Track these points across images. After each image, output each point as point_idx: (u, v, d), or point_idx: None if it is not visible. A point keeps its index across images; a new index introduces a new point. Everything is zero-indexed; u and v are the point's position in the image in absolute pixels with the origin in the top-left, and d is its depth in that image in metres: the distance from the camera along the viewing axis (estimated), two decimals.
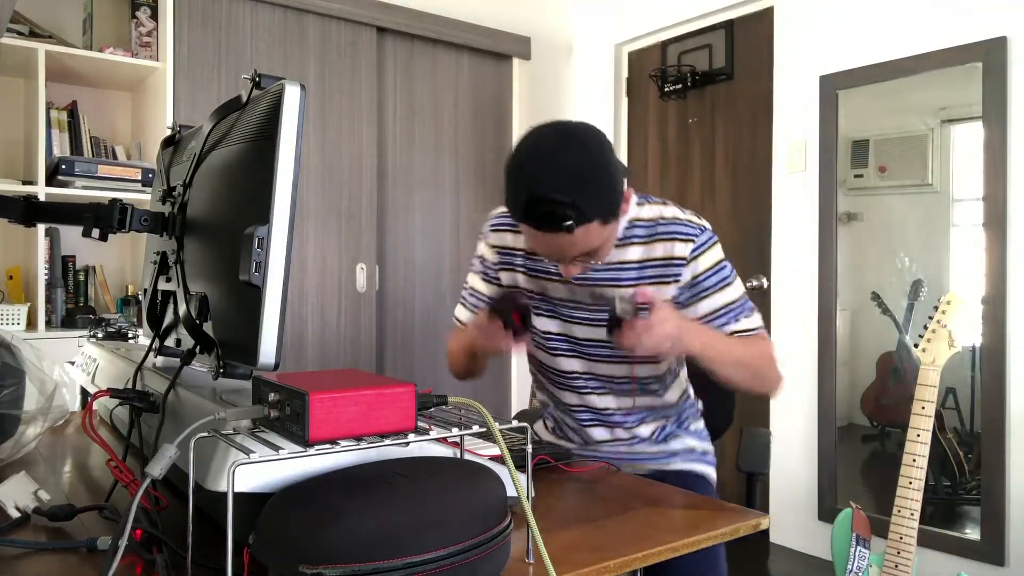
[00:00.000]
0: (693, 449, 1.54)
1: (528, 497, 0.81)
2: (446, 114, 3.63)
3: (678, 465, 1.51)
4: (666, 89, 3.61)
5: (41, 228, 2.67)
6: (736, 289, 1.36)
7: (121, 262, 3.12)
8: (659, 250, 1.35)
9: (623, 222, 1.36)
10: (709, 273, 1.34)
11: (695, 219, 1.36)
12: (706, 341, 1.27)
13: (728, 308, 1.34)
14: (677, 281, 1.34)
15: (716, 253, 1.35)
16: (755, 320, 1.36)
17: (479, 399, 1.75)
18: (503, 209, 1.49)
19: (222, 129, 0.98)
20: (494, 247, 1.50)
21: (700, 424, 1.59)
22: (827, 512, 2.89)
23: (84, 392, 1.60)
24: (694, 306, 1.35)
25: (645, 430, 1.49)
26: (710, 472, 1.54)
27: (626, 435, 1.48)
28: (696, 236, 1.34)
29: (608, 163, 1.20)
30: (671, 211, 1.37)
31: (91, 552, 0.82)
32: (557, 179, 1.16)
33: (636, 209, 1.38)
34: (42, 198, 2.62)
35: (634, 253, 1.36)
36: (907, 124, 2.77)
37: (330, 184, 3.24)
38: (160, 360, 1.16)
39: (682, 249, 1.33)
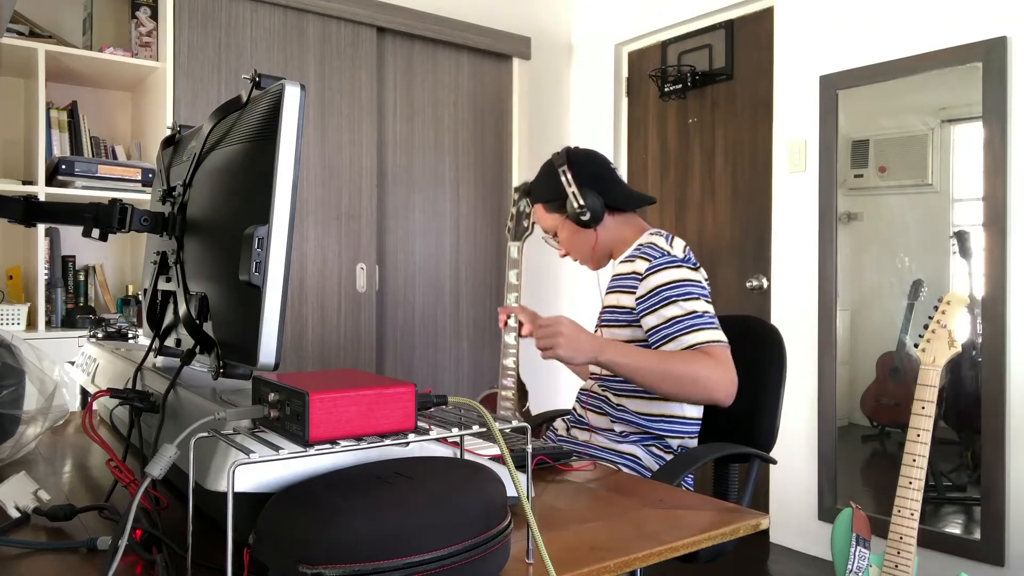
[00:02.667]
0: (636, 457, 1.60)
1: (528, 497, 0.81)
2: (446, 114, 3.63)
3: (618, 460, 1.60)
4: (666, 89, 3.61)
5: (41, 228, 2.67)
6: (686, 307, 1.51)
7: (121, 262, 3.12)
8: (634, 266, 1.62)
9: (633, 247, 1.68)
10: (661, 289, 1.53)
11: (670, 248, 1.59)
12: (618, 356, 1.45)
13: (675, 320, 1.50)
14: (633, 292, 1.59)
15: (671, 274, 1.54)
16: (706, 336, 1.48)
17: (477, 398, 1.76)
18: None
19: (222, 129, 0.98)
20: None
21: (666, 453, 1.62)
22: (827, 512, 2.89)
23: (84, 392, 1.60)
24: (645, 318, 1.55)
25: (606, 423, 1.65)
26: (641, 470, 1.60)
27: (595, 422, 1.68)
28: (656, 258, 1.57)
29: (551, 170, 1.71)
30: (659, 240, 1.62)
31: (91, 552, 0.82)
32: (535, 175, 1.78)
33: (645, 237, 1.67)
34: (42, 198, 2.62)
35: (625, 267, 1.66)
36: (907, 124, 2.77)
37: (330, 184, 3.24)
38: (160, 360, 1.16)
39: (641, 266, 1.59)
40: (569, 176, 1.68)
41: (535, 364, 3.80)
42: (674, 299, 1.51)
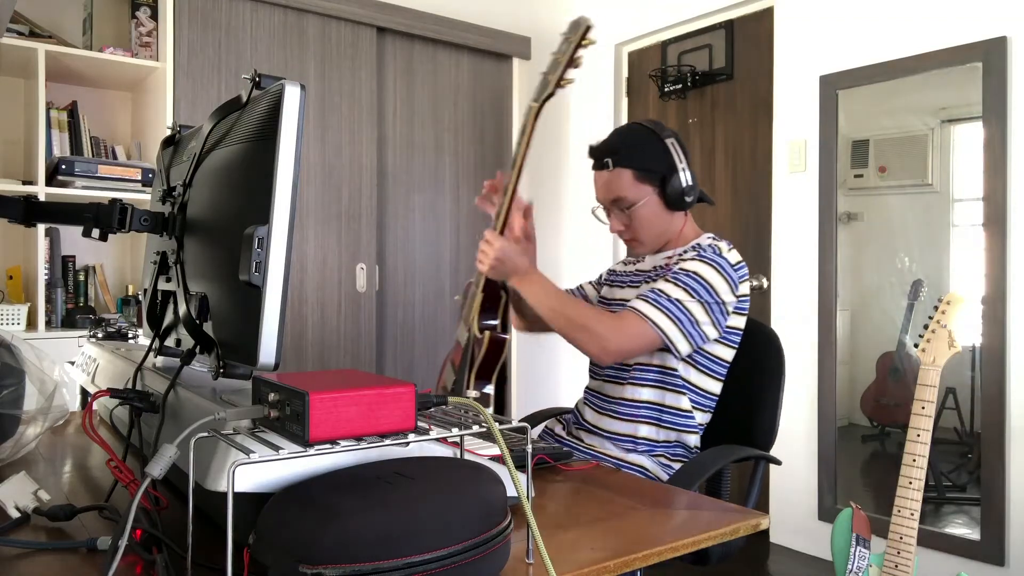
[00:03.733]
0: (645, 469, 1.58)
1: (528, 497, 0.81)
2: (446, 114, 3.63)
3: (623, 468, 1.57)
4: (666, 89, 3.61)
5: (41, 228, 2.67)
6: (672, 291, 1.49)
7: (121, 262, 3.12)
8: (682, 264, 1.57)
9: (688, 246, 1.62)
10: (680, 272, 1.51)
11: (726, 254, 1.55)
12: (527, 285, 1.54)
13: (654, 291, 1.50)
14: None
15: (698, 267, 1.51)
16: (643, 306, 1.49)
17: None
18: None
19: (222, 129, 0.98)
20: (611, 270, 1.85)
21: (673, 462, 1.60)
22: (827, 512, 2.89)
23: (84, 392, 1.60)
24: (648, 284, 1.62)
25: (617, 426, 1.61)
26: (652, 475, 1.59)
27: (604, 427, 1.63)
28: (701, 251, 1.55)
29: (654, 138, 1.58)
30: (718, 247, 1.57)
31: (91, 552, 0.82)
32: (615, 136, 1.63)
33: (704, 239, 1.62)
34: (42, 198, 2.62)
35: (684, 265, 1.58)
36: (907, 124, 2.77)
37: (330, 184, 3.24)
38: (160, 360, 1.16)
39: (688, 255, 1.57)
40: (680, 150, 1.58)
41: (533, 362, 3.80)
42: (675, 281, 1.50)
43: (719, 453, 1.48)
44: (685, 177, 1.57)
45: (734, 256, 1.55)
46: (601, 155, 1.60)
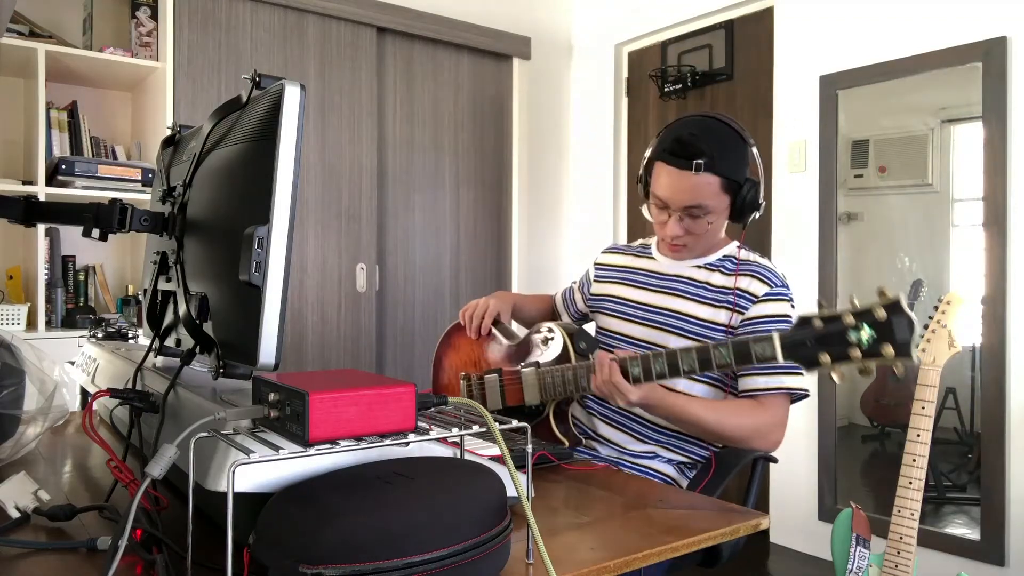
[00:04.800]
0: (670, 478, 1.55)
1: (528, 497, 0.81)
2: (446, 114, 3.63)
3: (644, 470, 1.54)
4: (666, 89, 3.61)
5: (41, 228, 2.67)
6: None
7: (121, 262, 3.12)
8: (740, 283, 1.49)
9: (720, 253, 1.54)
10: (773, 319, 1.44)
11: (785, 279, 1.50)
12: (659, 405, 1.37)
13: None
14: (741, 312, 1.47)
15: (785, 308, 1.46)
16: (789, 381, 1.42)
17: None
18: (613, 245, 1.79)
19: (222, 129, 0.98)
20: (598, 263, 1.74)
21: (691, 470, 1.58)
22: (827, 512, 2.89)
23: (84, 392, 1.60)
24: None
25: (636, 445, 1.54)
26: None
27: (621, 439, 1.55)
28: (776, 285, 1.47)
29: (744, 146, 1.46)
30: (768, 263, 1.52)
31: (91, 552, 0.82)
32: (705, 133, 1.43)
33: (735, 250, 1.54)
34: (42, 198, 2.62)
35: (718, 279, 1.51)
36: (907, 124, 2.77)
37: (330, 184, 3.24)
38: (160, 360, 1.16)
39: (758, 288, 1.47)
40: (759, 161, 1.48)
41: None
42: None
43: (731, 453, 1.48)
44: (761, 193, 1.48)
45: (783, 277, 1.51)
46: (691, 153, 1.41)
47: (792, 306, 1.48)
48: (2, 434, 1.13)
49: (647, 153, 1.52)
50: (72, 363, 1.59)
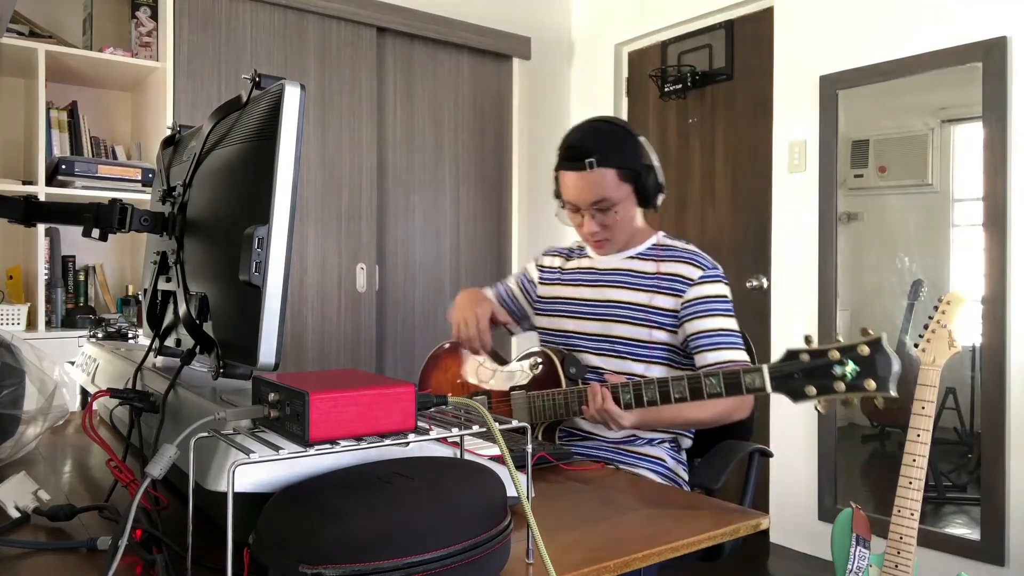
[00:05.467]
0: (663, 462, 1.59)
1: (528, 497, 0.81)
2: (446, 114, 3.63)
3: (643, 469, 1.57)
4: (666, 89, 3.61)
5: (41, 228, 2.67)
6: (730, 323, 1.56)
7: (121, 262, 3.12)
8: (669, 267, 1.59)
9: (648, 243, 1.64)
10: (710, 300, 1.55)
11: (714, 262, 1.60)
12: (653, 422, 1.50)
13: (719, 332, 1.54)
14: (678, 296, 1.57)
15: (721, 288, 1.57)
16: (742, 355, 1.54)
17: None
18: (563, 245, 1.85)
19: (222, 129, 0.98)
20: (541, 266, 1.81)
21: (681, 453, 1.65)
22: (827, 512, 2.89)
23: (84, 392, 1.60)
24: (691, 322, 1.55)
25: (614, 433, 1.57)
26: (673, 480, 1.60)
27: (600, 429, 1.59)
28: (707, 267, 1.58)
29: (631, 137, 1.58)
30: (693, 248, 1.63)
31: (91, 552, 0.82)
32: (591, 133, 1.58)
33: (662, 239, 1.66)
34: (42, 198, 2.62)
35: (648, 267, 1.61)
36: (907, 124, 2.77)
37: (330, 184, 3.24)
38: (160, 360, 1.16)
39: (690, 271, 1.57)
40: (650, 148, 1.60)
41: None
42: (721, 312, 1.55)
43: (729, 447, 1.49)
44: (660, 175, 1.60)
45: (710, 258, 1.63)
46: (582, 155, 1.54)
47: (726, 285, 1.59)
48: (2, 434, 1.13)
49: (554, 167, 1.64)
50: (72, 363, 1.59)
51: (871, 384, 1.11)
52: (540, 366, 1.57)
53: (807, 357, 1.16)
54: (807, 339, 1.17)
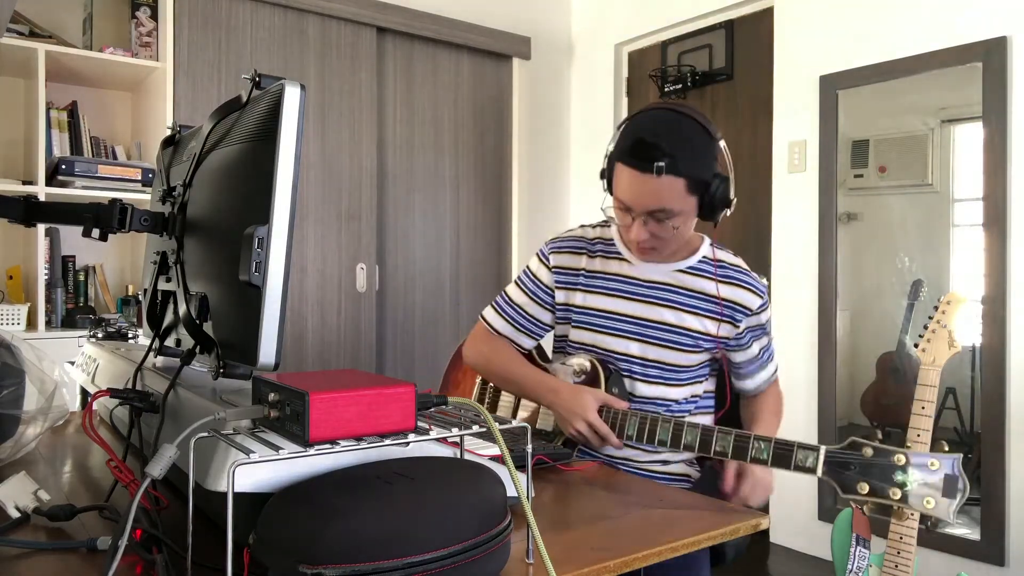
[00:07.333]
0: (688, 477, 1.56)
1: (528, 497, 0.81)
2: (446, 114, 3.63)
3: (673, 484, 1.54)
4: (666, 89, 3.61)
5: (41, 228, 2.67)
6: (767, 339, 1.58)
7: (121, 262, 3.12)
8: (729, 293, 1.47)
9: (698, 256, 1.49)
10: (763, 327, 1.53)
11: (761, 280, 1.53)
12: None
13: (767, 348, 1.57)
14: (735, 325, 1.47)
15: (770, 311, 1.56)
16: (774, 364, 1.61)
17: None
18: (565, 232, 1.61)
19: (222, 129, 0.98)
20: (555, 267, 1.56)
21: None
22: (827, 512, 2.89)
23: (84, 392, 1.60)
24: (744, 351, 1.53)
25: (644, 456, 1.51)
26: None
27: (631, 453, 1.51)
28: (763, 294, 1.50)
29: (712, 143, 1.35)
30: (744, 265, 1.52)
31: (91, 552, 0.82)
32: (668, 132, 1.32)
33: (709, 250, 1.51)
34: (42, 198, 2.62)
35: (708, 287, 1.47)
36: (907, 124, 2.77)
37: (330, 184, 3.24)
38: (160, 360, 1.16)
39: (751, 301, 1.47)
40: (728, 155, 1.38)
41: None
42: (764, 334, 1.56)
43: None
44: (731, 188, 1.37)
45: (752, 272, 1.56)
46: (652, 156, 1.30)
47: (771, 306, 1.65)
48: (2, 434, 1.13)
49: (609, 148, 1.40)
50: (72, 363, 1.59)
51: (930, 503, 1.01)
52: (584, 375, 1.46)
53: (870, 452, 1.06)
54: (879, 435, 1.06)
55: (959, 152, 2.63)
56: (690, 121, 1.34)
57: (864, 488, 1.05)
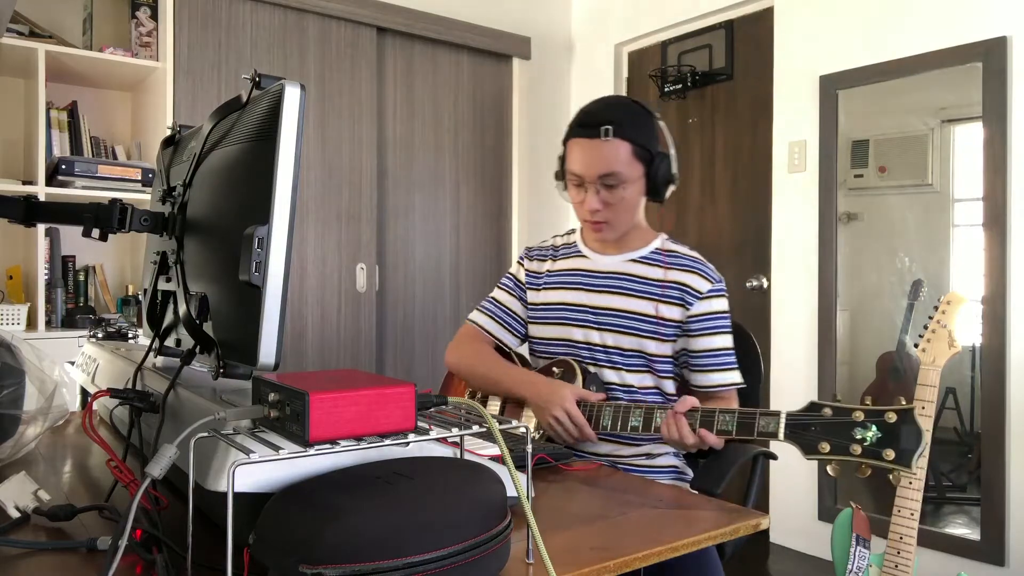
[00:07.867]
0: (676, 468, 1.57)
1: (528, 497, 0.81)
2: (446, 114, 3.63)
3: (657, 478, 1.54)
4: (666, 89, 3.61)
5: (41, 228, 2.67)
6: (730, 341, 1.53)
7: (121, 262, 3.12)
8: (677, 276, 1.51)
9: (651, 246, 1.56)
10: (716, 316, 1.51)
11: (716, 271, 1.55)
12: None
13: (722, 352, 1.51)
14: (685, 308, 1.50)
15: (725, 304, 1.53)
16: (734, 377, 1.51)
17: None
18: (541, 241, 1.76)
19: (222, 129, 0.98)
20: (528, 271, 1.69)
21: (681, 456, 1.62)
22: (827, 512, 2.89)
23: (84, 392, 1.60)
24: (697, 339, 1.50)
25: (627, 449, 1.54)
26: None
27: (612, 448, 1.54)
28: (714, 280, 1.52)
29: (651, 118, 1.51)
30: (697, 255, 1.56)
31: (91, 552, 0.82)
32: (611, 105, 1.53)
33: (664, 242, 1.57)
34: (42, 198, 2.62)
35: (654, 272, 1.53)
36: (907, 124, 2.77)
37: (330, 184, 3.24)
38: (160, 360, 1.16)
39: (699, 284, 1.50)
40: (669, 135, 1.51)
41: None
42: (724, 330, 1.51)
43: (734, 451, 1.49)
44: (675, 166, 1.51)
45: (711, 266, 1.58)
46: (600, 122, 1.45)
47: (727, 298, 1.54)
48: (2, 434, 1.13)
49: (562, 139, 1.56)
50: (72, 363, 1.59)
51: (890, 454, 1.04)
52: (563, 375, 1.50)
53: (829, 412, 1.10)
54: (835, 396, 1.12)
55: (959, 152, 2.63)
56: (629, 100, 1.55)
57: (825, 447, 1.09)
